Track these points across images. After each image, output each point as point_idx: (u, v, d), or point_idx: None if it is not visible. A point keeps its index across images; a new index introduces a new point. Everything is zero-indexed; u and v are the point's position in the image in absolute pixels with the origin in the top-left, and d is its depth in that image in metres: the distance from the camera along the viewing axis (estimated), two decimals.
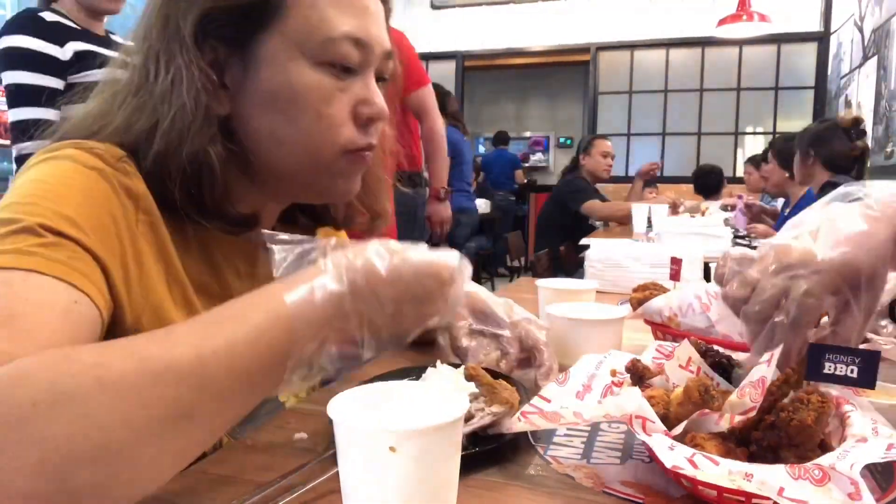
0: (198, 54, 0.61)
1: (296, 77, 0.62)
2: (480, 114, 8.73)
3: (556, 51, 6.55)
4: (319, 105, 0.63)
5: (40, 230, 0.51)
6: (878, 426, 0.53)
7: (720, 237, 2.36)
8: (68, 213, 0.53)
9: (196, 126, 0.60)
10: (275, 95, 0.63)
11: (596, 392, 0.66)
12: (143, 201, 0.61)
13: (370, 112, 0.66)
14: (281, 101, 0.63)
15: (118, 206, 0.58)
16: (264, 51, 0.62)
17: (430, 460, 0.42)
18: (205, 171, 0.61)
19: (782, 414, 0.52)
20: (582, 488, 0.55)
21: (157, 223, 0.62)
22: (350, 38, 0.63)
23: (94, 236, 0.54)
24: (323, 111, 0.63)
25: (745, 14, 4.58)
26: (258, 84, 0.63)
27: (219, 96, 0.63)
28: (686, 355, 0.63)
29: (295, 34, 0.62)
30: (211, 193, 0.63)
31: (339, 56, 0.63)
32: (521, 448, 0.63)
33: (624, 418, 0.53)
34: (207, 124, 0.61)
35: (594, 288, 1.18)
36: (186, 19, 0.60)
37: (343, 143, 0.65)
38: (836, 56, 5.43)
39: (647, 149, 6.33)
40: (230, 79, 0.63)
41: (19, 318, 0.46)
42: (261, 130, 0.65)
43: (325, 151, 0.65)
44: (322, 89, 0.63)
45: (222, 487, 0.54)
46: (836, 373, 0.54)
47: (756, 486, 0.45)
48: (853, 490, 0.44)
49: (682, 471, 0.48)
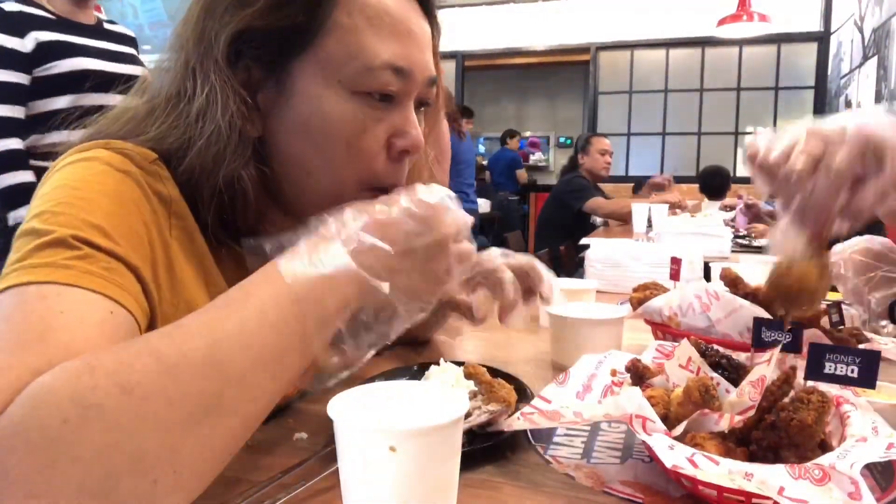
0: (231, 74, 0.59)
1: (330, 106, 0.60)
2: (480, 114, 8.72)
3: (556, 51, 6.55)
4: (352, 137, 0.60)
5: (73, 241, 0.50)
6: (878, 425, 0.53)
7: (720, 237, 2.36)
8: (99, 223, 0.52)
9: (231, 149, 0.58)
10: (307, 123, 0.60)
11: (596, 392, 0.66)
12: (176, 205, 0.59)
13: (404, 144, 0.62)
14: (313, 129, 0.60)
15: (149, 211, 0.56)
16: (299, 75, 0.60)
17: (429, 460, 0.42)
18: (238, 195, 0.60)
19: (782, 414, 0.52)
20: (582, 488, 0.55)
21: (190, 228, 0.60)
22: (391, 67, 0.59)
23: (126, 244, 0.53)
24: (354, 143, 0.61)
25: (745, 14, 4.58)
26: (291, 109, 0.60)
27: (252, 118, 0.60)
28: (686, 355, 0.62)
29: (332, 61, 0.59)
30: (244, 218, 0.62)
31: (378, 85, 0.60)
32: (522, 448, 0.63)
33: (624, 418, 0.53)
34: (242, 147, 0.59)
35: (594, 288, 1.18)
36: (220, 37, 0.58)
37: (371, 177, 0.62)
38: (836, 56, 5.42)
39: (647, 149, 6.33)
40: (263, 101, 0.61)
41: (55, 332, 0.45)
42: (291, 157, 0.62)
43: (351, 184, 0.62)
44: (356, 121, 0.60)
45: (222, 486, 0.54)
46: (837, 372, 0.54)
47: (756, 485, 0.45)
48: (853, 490, 0.44)
49: (683, 470, 0.48)
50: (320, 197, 0.62)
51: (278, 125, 0.61)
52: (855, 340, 0.80)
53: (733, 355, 0.67)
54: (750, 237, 3.06)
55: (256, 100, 0.61)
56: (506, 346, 1.06)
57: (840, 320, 0.90)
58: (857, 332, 0.83)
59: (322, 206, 0.62)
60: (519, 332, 1.15)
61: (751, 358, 0.69)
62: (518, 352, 1.02)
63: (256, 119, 0.61)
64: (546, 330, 1.03)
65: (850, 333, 0.81)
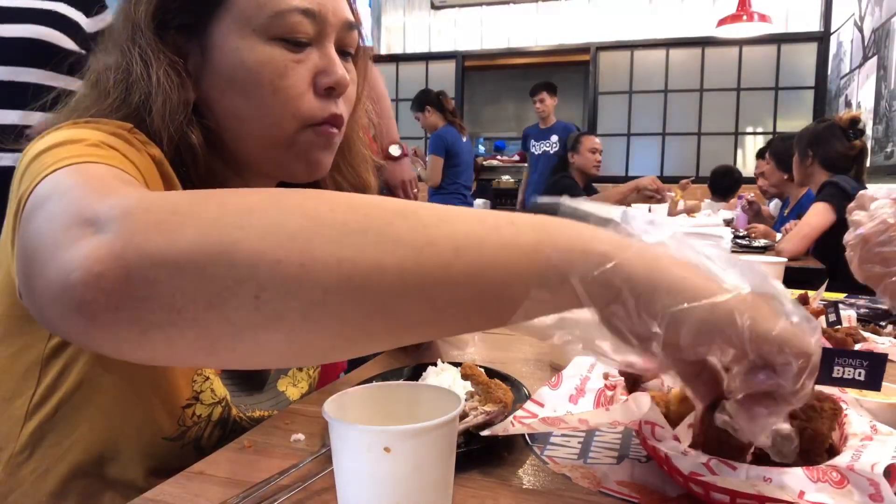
0: (159, 46, 0.63)
1: (248, 55, 0.63)
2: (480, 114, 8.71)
3: (556, 51, 6.54)
4: (274, 79, 0.64)
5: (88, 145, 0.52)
6: (875, 423, 0.54)
7: (720, 237, 2.36)
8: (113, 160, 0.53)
9: (173, 109, 0.62)
10: (232, 75, 0.64)
11: (589, 396, 0.66)
12: (162, 166, 0.61)
13: (329, 81, 0.66)
14: (237, 80, 0.64)
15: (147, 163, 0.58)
16: (218, 34, 0.64)
17: (424, 460, 0.42)
18: (187, 153, 0.64)
19: (794, 422, 0.51)
20: (578, 488, 0.55)
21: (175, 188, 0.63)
22: (299, 10, 0.63)
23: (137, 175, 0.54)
24: (278, 84, 0.64)
25: (745, 14, 4.58)
26: (216, 67, 0.65)
27: (185, 83, 0.64)
28: None
29: (244, 13, 0.63)
30: (196, 173, 0.65)
31: (290, 29, 0.63)
32: (518, 448, 0.63)
33: (633, 425, 0.53)
34: (184, 109, 0.63)
35: None
36: (144, 14, 0.63)
37: (303, 114, 0.66)
38: (836, 56, 5.42)
39: (647, 149, 6.33)
40: (193, 66, 0.66)
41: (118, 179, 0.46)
42: (225, 111, 0.66)
43: (286, 125, 0.66)
44: (275, 63, 0.63)
45: (219, 488, 0.54)
46: (845, 376, 0.54)
47: (775, 490, 0.45)
48: (873, 491, 0.44)
49: (701, 477, 0.47)
50: (260, 143, 0.67)
51: (209, 85, 0.66)
52: (852, 340, 0.80)
53: None
54: (750, 237, 3.06)
55: (188, 66, 0.65)
56: (504, 346, 1.06)
57: (837, 320, 0.90)
58: (854, 331, 0.83)
59: (265, 151, 0.67)
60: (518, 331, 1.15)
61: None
62: (516, 352, 1.02)
63: (189, 84, 0.65)
64: None
65: (847, 333, 0.81)
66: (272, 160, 0.69)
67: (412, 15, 6.77)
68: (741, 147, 6.08)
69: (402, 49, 6.80)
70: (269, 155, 0.68)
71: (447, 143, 4.20)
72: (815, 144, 2.61)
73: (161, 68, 0.63)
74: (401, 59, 6.80)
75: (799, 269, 2.18)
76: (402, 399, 0.48)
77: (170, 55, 0.64)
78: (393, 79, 6.83)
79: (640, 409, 0.53)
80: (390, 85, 6.86)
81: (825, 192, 2.45)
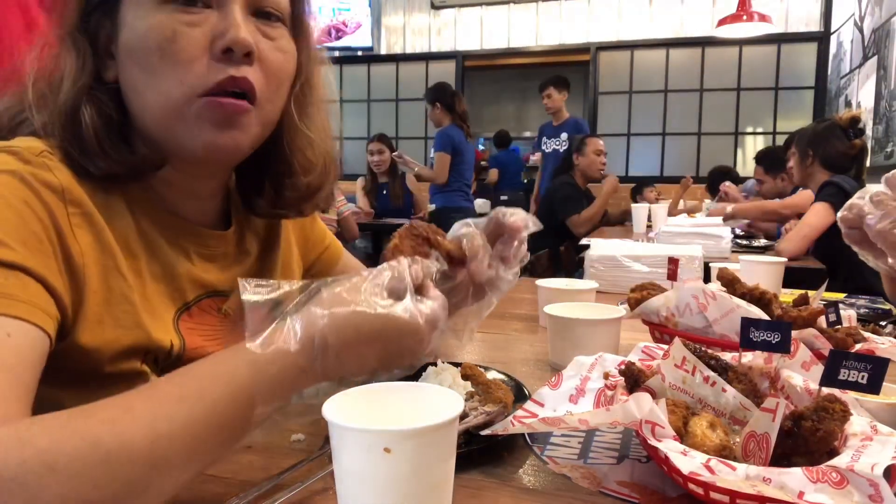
0: (79, 31, 0.63)
1: (139, 22, 0.61)
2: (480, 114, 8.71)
3: (556, 51, 6.54)
4: (162, 43, 0.60)
5: None
6: (875, 423, 0.54)
7: (720, 237, 2.36)
8: None
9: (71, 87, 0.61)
10: (127, 46, 0.62)
11: (589, 396, 0.66)
12: (70, 193, 0.59)
13: (223, 43, 0.61)
14: (132, 49, 0.62)
15: (41, 207, 0.56)
16: (124, 10, 0.62)
17: (424, 461, 0.42)
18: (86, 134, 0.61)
19: (805, 423, 0.51)
20: (578, 488, 0.55)
21: (90, 212, 0.61)
22: None
23: (24, 249, 0.53)
24: (166, 49, 0.60)
25: (745, 14, 4.57)
26: (120, 42, 0.63)
27: (86, 63, 0.63)
28: (681, 355, 0.62)
29: None
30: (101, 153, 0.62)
31: None
32: (518, 448, 0.63)
33: (633, 424, 0.53)
34: (81, 87, 0.62)
35: (594, 288, 1.19)
36: (70, 4, 0.64)
37: (193, 80, 0.61)
38: (836, 56, 5.42)
39: (647, 149, 6.32)
40: (109, 45, 0.64)
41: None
42: (125, 84, 0.64)
43: (174, 93, 0.61)
44: (163, 27, 0.60)
45: (219, 488, 0.54)
46: (849, 379, 0.54)
47: (775, 490, 0.45)
48: (873, 492, 0.44)
49: (700, 477, 0.47)
50: (154, 117, 0.63)
51: (119, 62, 0.64)
52: (852, 340, 0.80)
53: (721, 355, 0.68)
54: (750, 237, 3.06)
55: (108, 47, 0.64)
56: (504, 346, 1.06)
57: (837, 320, 0.90)
58: (854, 331, 0.83)
59: (160, 128, 0.64)
60: (517, 332, 1.15)
61: (738, 357, 0.69)
62: (516, 352, 1.02)
63: (112, 66, 0.64)
64: (544, 330, 1.03)
65: (847, 333, 0.81)
66: (171, 137, 0.64)
67: (412, 15, 6.76)
68: (741, 147, 6.08)
69: (402, 49, 6.80)
70: (165, 132, 0.64)
71: (454, 140, 4.20)
72: (816, 144, 2.61)
73: (67, 50, 0.62)
74: (401, 59, 6.80)
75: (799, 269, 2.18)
76: (402, 399, 0.48)
77: (79, 36, 0.63)
78: (393, 79, 6.83)
79: (641, 409, 0.53)
80: (390, 85, 6.86)
81: (825, 192, 2.45)
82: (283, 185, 0.75)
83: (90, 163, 0.62)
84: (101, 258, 0.61)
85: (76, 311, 0.58)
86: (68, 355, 0.58)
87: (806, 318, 0.86)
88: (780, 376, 0.65)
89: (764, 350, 0.66)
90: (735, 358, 0.69)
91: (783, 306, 0.93)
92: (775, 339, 0.64)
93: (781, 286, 1.47)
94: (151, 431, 0.44)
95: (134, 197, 0.66)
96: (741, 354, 0.69)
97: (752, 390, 0.64)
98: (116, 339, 0.61)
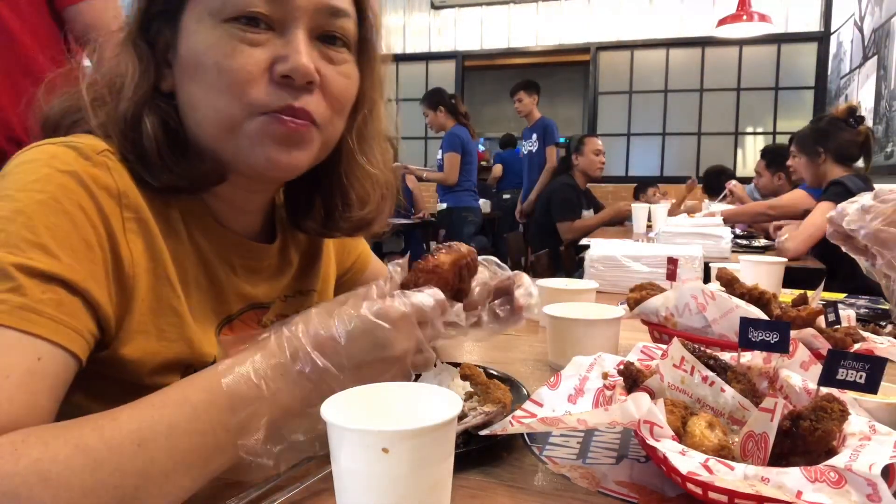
0: (142, 40, 0.64)
1: (200, 38, 0.61)
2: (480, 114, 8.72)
3: (556, 51, 6.55)
4: (220, 59, 0.60)
5: (12, 270, 0.49)
6: (874, 423, 0.54)
7: (720, 237, 2.36)
8: (41, 239, 0.51)
9: (132, 93, 0.62)
10: (186, 61, 0.62)
11: (588, 396, 0.66)
12: (126, 198, 0.59)
13: (283, 69, 0.60)
14: (190, 65, 0.62)
15: (96, 213, 0.56)
16: (185, 23, 0.62)
17: (422, 461, 0.42)
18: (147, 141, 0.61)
19: (804, 423, 0.51)
20: (577, 488, 0.55)
21: (145, 219, 0.61)
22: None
23: (70, 258, 0.52)
24: (223, 65, 0.60)
25: (745, 14, 4.57)
26: (180, 54, 0.63)
27: (149, 69, 0.64)
28: (679, 355, 0.63)
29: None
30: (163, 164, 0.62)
31: (241, 7, 0.59)
32: (517, 448, 0.63)
33: (632, 424, 0.53)
34: (143, 93, 0.62)
35: (594, 288, 1.19)
36: (135, 13, 0.64)
37: (250, 99, 0.60)
38: (836, 56, 5.42)
39: (647, 149, 6.33)
40: (169, 54, 0.65)
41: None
42: (182, 100, 0.64)
43: (232, 110, 0.60)
44: (222, 44, 0.60)
45: (218, 487, 0.54)
46: (847, 379, 0.54)
47: (773, 490, 0.45)
48: (871, 491, 0.44)
49: (698, 477, 0.47)
50: (211, 131, 0.63)
51: (177, 74, 0.64)
52: (850, 340, 0.80)
53: (720, 355, 0.68)
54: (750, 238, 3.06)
55: (166, 55, 0.65)
56: (503, 346, 1.06)
57: (836, 320, 0.90)
58: (854, 331, 0.83)
59: (217, 141, 0.63)
60: (517, 332, 1.15)
61: (737, 357, 0.69)
62: (515, 352, 1.02)
63: (152, 70, 0.64)
64: (544, 330, 1.03)
65: (846, 333, 0.81)
66: (229, 152, 0.64)
67: (412, 15, 6.77)
68: (741, 147, 6.08)
69: (402, 49, 6.80)
70: (222, 145, 0.63)
71: (462, 140, 4.23)
72: (824, 140, 2.60)
73: (130, 56, 0.63)
74: (401, 59, 6.80)
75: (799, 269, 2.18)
76: (400, 399, 0.48)
77: (141, 43, 0.63)
78: (393, 79, 6.82)
79: (639, 408, 0.53)
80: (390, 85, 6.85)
81: (830, 192, 2.45)
82: (337, 213, 0.76)
83: (149, 173, 0.62)
84: (151, 266, 0.61)
85: (120, 321, 0.58)
86: (108, 366, 0.58)
87: (805, 317, 0.86)
88: (778, 376, 0.65)
89: (763, 350, 0.66)
90: (734, 358, 0.69)
91: (782, 306, 0.93)
92: (774, 339, 0.64)
93: (781, 286, 1.47)
94: (137, 437, 0.45)
95: (187, 208, 0.66)
96: (740, 354, 0.69)
97: (750, 390, 0.64)
98: (159, 350, 0.61)
